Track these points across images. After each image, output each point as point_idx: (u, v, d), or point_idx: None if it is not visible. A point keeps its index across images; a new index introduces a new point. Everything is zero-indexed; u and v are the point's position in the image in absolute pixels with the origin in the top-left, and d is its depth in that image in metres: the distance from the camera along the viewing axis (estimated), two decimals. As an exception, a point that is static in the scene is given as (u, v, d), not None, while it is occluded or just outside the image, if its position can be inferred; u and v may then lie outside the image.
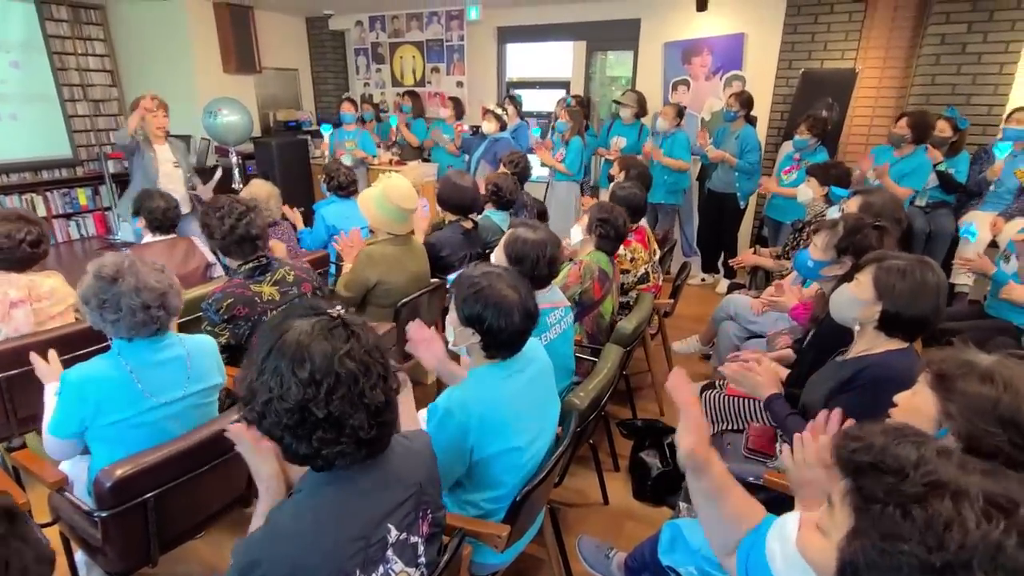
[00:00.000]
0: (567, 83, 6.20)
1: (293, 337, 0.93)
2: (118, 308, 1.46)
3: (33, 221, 2.17)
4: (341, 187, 3.58)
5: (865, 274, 1.55)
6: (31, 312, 2.15)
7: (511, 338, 1.43)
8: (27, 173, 5.76)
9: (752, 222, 5.27)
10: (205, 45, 5.95)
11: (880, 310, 1.51)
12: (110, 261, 1.51)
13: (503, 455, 1.42)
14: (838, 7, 4.79)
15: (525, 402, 1.48)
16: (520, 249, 1.95)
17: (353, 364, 0.92)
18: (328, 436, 0.92)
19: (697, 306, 4.31)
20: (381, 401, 0.95)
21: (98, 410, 1.50)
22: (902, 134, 3.59)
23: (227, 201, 2.09)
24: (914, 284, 1.46)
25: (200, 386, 1.68)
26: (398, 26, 6.52)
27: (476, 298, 1.42)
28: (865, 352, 1.57)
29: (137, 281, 1.47)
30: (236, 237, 2.07)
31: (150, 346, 1.57)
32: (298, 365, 0.90)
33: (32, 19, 5.56)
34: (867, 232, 2.00)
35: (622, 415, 2.89)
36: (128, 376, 1.53)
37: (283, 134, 6.57)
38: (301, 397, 0.90)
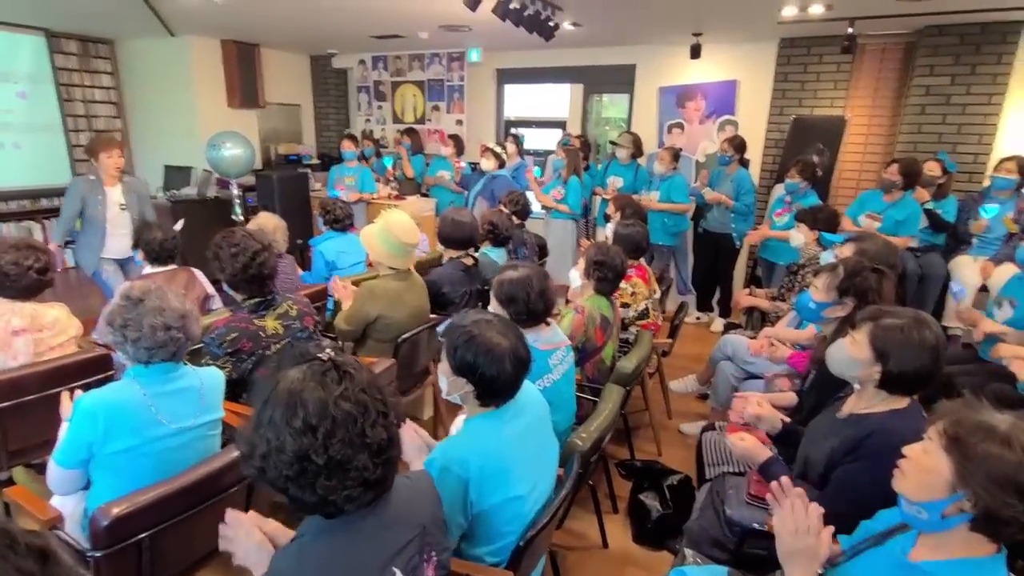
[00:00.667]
0: (564, 123, 6.35)
1: (285, 387, 0.93)
2: (140, 327, 1.50)
3: (41, 249, 2.19)
4: (337, 220, 3.62)
5: (861, 333, 1.54)
6: (31, 342, 2.13)
7: (504, 385, 1.42)
8: (26, 200, 5.78)
9: (746, 262, 5.36)
10: (210, 80, 6.06)
11: (879, 370, 1.50)
12: (139, 285, 1.57)
13: (505, 505, 1.40)
14: (826, 58, 4.99)
15: (523, 448, 1.47)
16: (508, 290, 1.96)
17: (349, 405, 0.92)
18: (332, 482, 0.91)
19: (693, 345, 4.33)
20: (384, 438, 0.95)
21: (107, 435, 1.49)
22: (893, 180, 3.69)
23: (242, 237, 2.09)
24: (912, 344, 1.45)
25: (209, 417, 1.69)
26: (400, 66, 6.70)
27: (467, 347, 1.41)
28: (867, 411, 1.56)
29: (161, 302, 1.52)
30: (248, 276, 2.08)
31: (164, 374, 1.58)
32: (291, 415, 0.90)
33: (42, 52, 5.67)
34: (867, 275, 2.03)
35: (620, 455, 2.87)
36: (143, 400, 1.53)
37: (284, 167, 6.64)
38: (298, 446, 0.89)
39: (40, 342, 2.14)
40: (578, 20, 4.54)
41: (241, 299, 2.17)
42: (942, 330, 1.55)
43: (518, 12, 3.52)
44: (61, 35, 5.81)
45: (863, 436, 1.50)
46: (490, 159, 4.91)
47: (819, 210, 3.42)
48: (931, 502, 1.05)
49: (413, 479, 1.15)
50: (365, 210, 5.34)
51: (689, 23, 4.63)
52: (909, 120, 4.63)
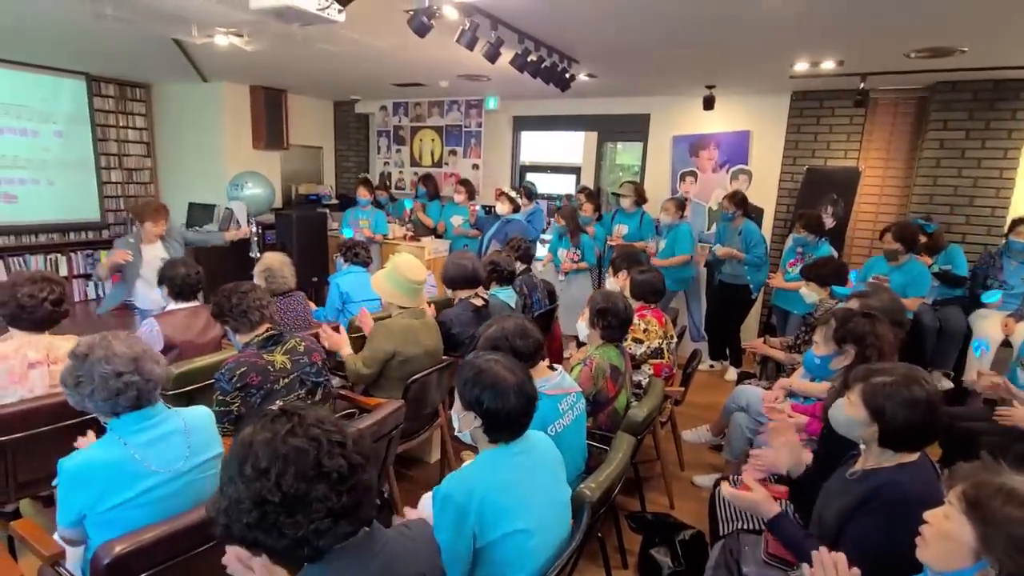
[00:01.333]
0: (578, 169, 6.47)
1: (237, 442, 0.95)
2: (92, 379, 1.47)
3: (56, 281, 2.22)
4: (357, 256, 3.69)
5: (855, 393, 1.54)
6: (47, 374, 2.16)
7: (510, 418, 1.46)
8: (55, 234, 5.97)
9: (760, 311, 5.31)
10: (238, 122, 6.30)
11: (877, 429, 1.49)
12: (84, 341, 1.54)
13: (508, 539, 1.39)
14: (839, 111, 5.06)
15: (530, 485, 1.47)
16: (489, 343, 1.96)
17: (299, 440, 0.92)
18: (295, 518, 0.90)
19: (707, 394, 4.26)
20: (343, 467, 0.93)
21: (100, 497, 1.45)
22: (894, 248, 3.64)
23: (231, 285, 2.24)
24: (904, 401, 1.45)
25: (202, 458, 1.63)
26: (420, 112, 6.91)
27: (474, 381, 1.47)
28: (876, 467, 1.54)
29: (106, 351, 1.48)
30: (243, 308, 2.17)
31: (141, 419, 1.52)
32: (243, 464, 0.91)
33: (81, 94, 5.96)
34: (857, 320, 2.04)
35: (630, 506, 2.79)
36: (128, 454, 1.48)
37: (304, 207, 6.81)
38: (253, 491, 0.90)
39: (55, 374, 2.16)
40: (593, 72, 4.68)
41: (248, 339, 2.21)
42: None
43: (535, 64, 3.64)
44: (101, 79, 6.12)
45: (873, 490, 1.48)
46: (505, 203, 4.99)
47: (822, 264, 3.37)
48: (957, 572, 1.01)
49: (412, 530, 1.14)
50: (380, 250, 5.42)
51: (702, 76, 4.76)
52: (924, 173, 4.65)
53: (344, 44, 3.94)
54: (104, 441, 1.52)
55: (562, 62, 3.98)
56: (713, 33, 3.41)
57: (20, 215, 5.69)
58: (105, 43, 4.53)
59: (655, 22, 3.22)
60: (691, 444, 3.48)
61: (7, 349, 2.13)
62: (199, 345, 2.69)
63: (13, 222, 5.66)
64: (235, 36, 3.54)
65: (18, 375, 2.11)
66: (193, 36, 3.46)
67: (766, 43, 3.57)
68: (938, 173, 4.60)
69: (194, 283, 2.82)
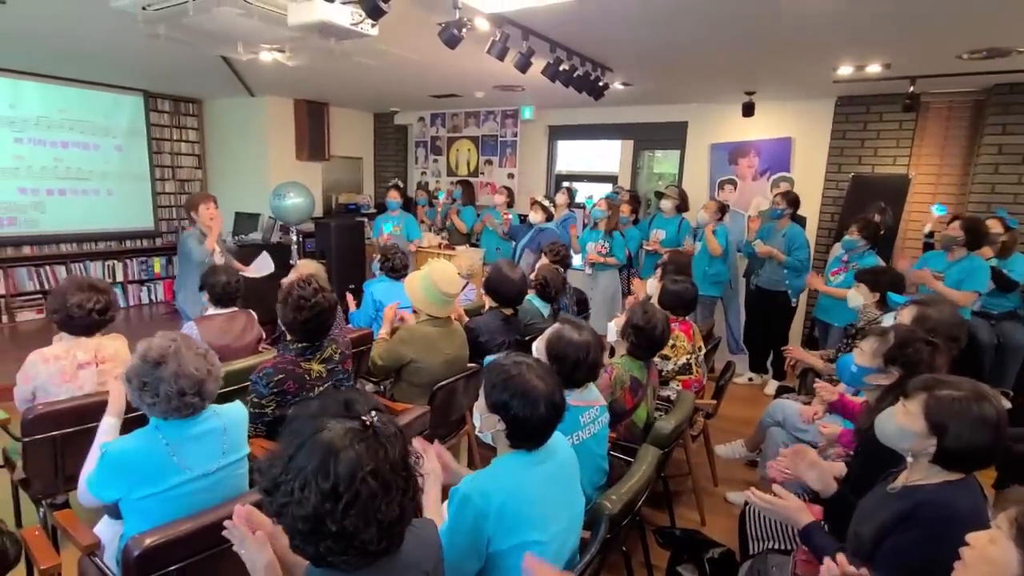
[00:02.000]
0: (615, 178, 6.42)
1: (325, 440, 0.94)
2: (156, 393, 1.50)
3: (102, 290, 2.30)
4: (394, 269, 3.73)
5: (915, 403, 1.44)
6: (95, 373, 2.27)
7: (536, 428, 1.43)
8: (113, 242, 6.31)
9: (803, 323, 5.13)
10: (282, 134, 6.54)
11: (934, 445, 1.39)
12: (157, 344, 1.55)
13: (521, 548, 1.37)
14: (887, 116, 4.87)
15: (547, 495, 1.45)
16: (562, 349, 1.93)
17: (375, 483, 0.93)
18: (335, 546, 0.93)
19: (744, 407, 4.14)
20: (395, 515, 0.96)
21: (133, 486, 1.53)
22: (955, 236, 3.47)
23: (314, 293, 2.13)
24: (971, 420, 1.35)
25: (234, 457, 1.69)
26: (457, 122, 7.01)
27: (504, 386, 1.43)
28: (920, 482, 1.45)
29: (178, 367, 1.50)
30: (305, 328, 2.15)
31: (186, 423, 1.59)
32: (323, 476, 0.92)
33: (139, 110, 6.32)
34: (919, 347, 1.90)
35: (659, 521, 2.73)
36: (164, 450, 1.55)
37: (343, 216, 6.99)
38: (319, 509, 0.91)
39: (102, 373, 2.28)
40: (628, 80, 4.65)
41: (291, 341, 2.25)
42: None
43: (567, 73, 3.65)
44: (157, 95, 6.47)
45: (914, 507, 1.40)
46: (538, 212, 5.00)
47: (883, 272, 3.25)
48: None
49: (419, 527, 1.15)
50: (415, 258, 5.50)
51: (741, 83, 4.66)
52: (981, 179, 4.41)
53: (381, 57, 4.04)
54: (146, 434, 1.58)
55: (595, 71, 3.97)
56: (751, 39, 3.35)
57: (82, 224, 6.05)
58: (161, 62, 4.79)
59: (690, 28, 3.18)
60: (725, 460, 3.38)
61: (58, 350, 2.25)
62: (235, 349, 2.79)
63: (76, 230, 6.03)
64: (278, 52, 3.68)
65: (68, 375, 2.23)
66: (239, 53, 3.61)
67: (807, 47, 3.47)
68: (996, 179, 4.35)
69: (233, 291, 2.92)
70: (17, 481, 2.28)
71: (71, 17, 3.40)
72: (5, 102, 5.42)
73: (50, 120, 5.71)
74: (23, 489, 2.24)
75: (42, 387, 2.22)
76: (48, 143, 5.73)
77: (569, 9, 2.72)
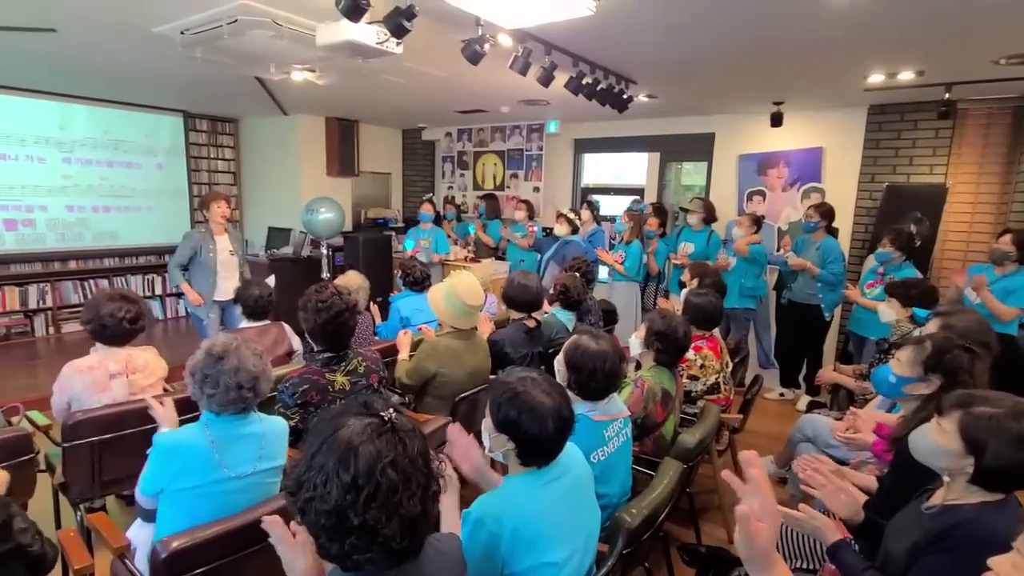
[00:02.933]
0: (641, 190, 6.38)
1: (344, 436, 0.97)
2: (216, 384, 1.61)
3: (133, 300, 2.41)
4: (416, 282, 3.79)
5: (950, 421, 1.38)
6: (126, 383, 2.36)
7: (546, 445, 1.40)
8: (153, 256, 6.56)
9: (837, 336, 4.99)
10: (314, 151, 6.73)
11: (972, 464, 1.33)
12: (221, 341, 1.69)
13: (537, 571, 1.35)
14: (923, 124, 4.73)
15: (562, 513, 1.42)
16: (579, 358, 1.91)
17: (395, 475, 0.95)
18: (360, 543, 0.94)
19: (774, 423, 4.04)
20: (417, 512, 0.97)
21: (177, 474, 1.62)
22: (1006, 251, 3.35)
23: (331, 296, 2.20)
24: (1010, 438, 1.28)
25: (269, 465, 1.76)
26: (483, 137, 7.10)
27: (510, 404, 1.41)
28: (956, 502, 1.38)
29: (239, 362, 1.62)
30: (326, 332, 2.20)
31: (234, 422, 1.70)
32: (343, 467, 0.94)
33: (178, 130, 6.59)
34: (957, 353, 1.83)
35: (685, 537, 2.67)
36: (209, 446, 1.65)
37: (371, 230, 7.12)
38: (340, 502, 0.93)
39: (134, 383, 2.37)
40: (653, 92, 4.65)
41: (317, 350, 2.29)
42: None
43: (591, 87, 3.67)
44: (195, 115, 6.74)
45: (948, 528, 1.34)
46: (563, 225, 5.01)
47: (913, 284, 3.15)
48: None
49: (442, 542, 1.14)
50: (441, 271, 5.56)
51: (769, 93, 4.61)
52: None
53: (407, 75, 4.14)
54: (196, 428, 1.68)
55: (618, 84, 3.98)
56: (778, 49, 3.31)
57: (124, 239, 6.31)
58: (199, 84, 4.99)
59: (714, 40, 3.17)
60: (755, 476, 3.29)
61: (91, 362, 2.35)
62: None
63: (118, 245, 6.29)
64: (308, 71, 3.80)
65: (101, 385, 2.32)
66: (271, 73, 3.75)
67: (835, 56, 3.42)
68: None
69: (265, 304, 3.01)
70: (57, 485, 2.37)
71: (116, 42, 3.58)
72: (55, 124, 5.72)
73: (96, 141, 6.00)
74: (62, 493, 2.33)
75: (77, 398, 2.31)
76: (94, 162, 6.02)
77: (589, 23, 2.74)
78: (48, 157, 5.72)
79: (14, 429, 2.20)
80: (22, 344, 5.59)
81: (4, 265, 5.61)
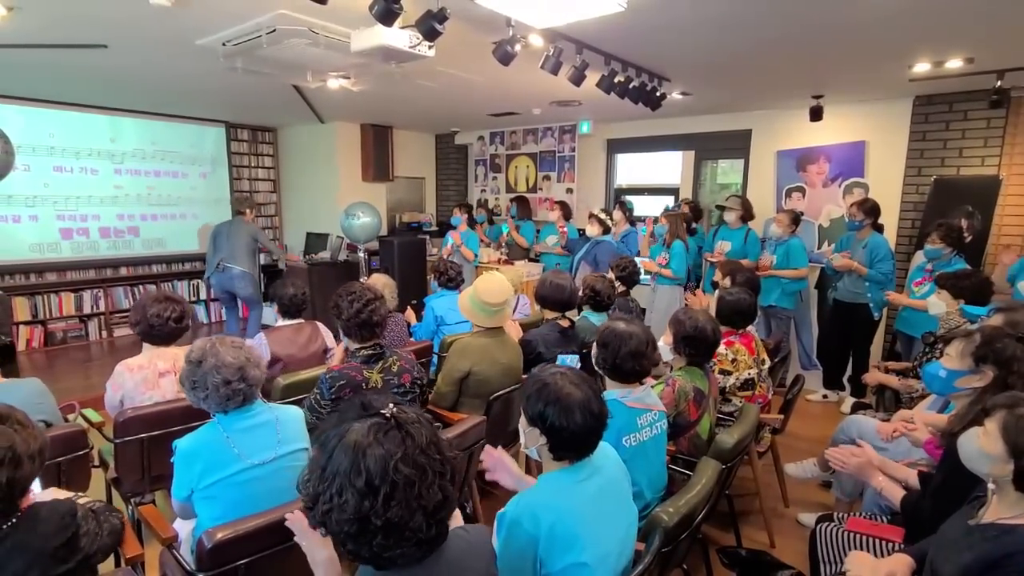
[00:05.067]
0: (676, 190, 6.29)
1: (350, 441, 0.96)
2: (205, 386, 1.67)
3: (176, 300, 2.51)
4: (451, 280, 3.83)
5: (993, 422, 1.32)
6: (175, 381, 2.45)
7: (575, 437, 1.39)
8: (198, 262, 6.79)
9: (883, 336, 4.80)
10: (349, 158, 6.87)
11: (1012, 468, 1.27)
12: (196, 346, 1.73)
13: (571, 571, 1.33)
14: (972, 114, 4.53)
15: (598, 512, 1.40)
16: (607, 336, 1.97)
17: (408, 469, 0.94)
18: (388, 541, 0.95)
19: (818, 425, 3.92)
20: (438, 499, 0.97)
21: (202, 473, 1.68)
22: None
23: (359, 287, 2.32)
24: None
25: (289, 448, 1.81)
26: (515, 140, 7.12)
27: (539, 396, 1.42)
28: (1011, 521, 1.30)
29: (216, 360, 1.67)
30: (359, 320, 2.25)
31: (241, 415, 1.76)
32: (355, 474, 0.93)
33: (221, 139, 6.83)
34: (1007, 342, 1.76)
35: (724, 540, 2.61)
36: (225, 441, 1.71)
37: (405, 234, 7.22)
38: (359, 508, 0.93)
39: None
40: (687, 90, 4.58)
41: (355, 348, 2.33)
42: None
43: (623, 85, 3.64)
44: (237, 126, 6.97)
45: (1006, 555, 1.25)
46: (595, 225, 4.97)
47: (965, 276, 3.01)
48: None
49: (470, 532, 1.15)
50: (474, 272, 5.60)
51: (807, 86, 4.49)
52: (1084, 178, 4.02)
53: (440, 79, 4.19)
54: (209, 427, 1.75)
55: (651, 81, 3.94)
56: (815, 40, 3.23)
57: (171, 246, 6.57)
58: (240, 95, 5.17)
59: (748, 33, 3.11)
60: (798, 480, 3.19)
61: (142, 361, 2.45)
62: (301, 359, 2.93)
63: (165, 252, 6.55)
64: (343, 79, 3.89)
65: (151, 383, 2.42)
66: (308, 81, 3.85)
67: (877, 45, 3.31)
68: (1104, 178, 3.95)
69: (300, 302, 3.08)
70: (110, 480, 2.47)
71: (162, 56, 3.75)
72: (107, 137, 6.00)
73: (144, 152, 6.27)
74: (115, 487, 2.43)
75: (128, 395, 2.41)
76: (143, 173, 6.30)
77: (620, 20, 2.73)
78: (101, 169, 6.00)
79: (70, 425, 2.31)
80: (77, 347, 5.87)
81: (61, 272, 5.91)
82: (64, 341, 5.88)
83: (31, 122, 5.51)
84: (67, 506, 1.32)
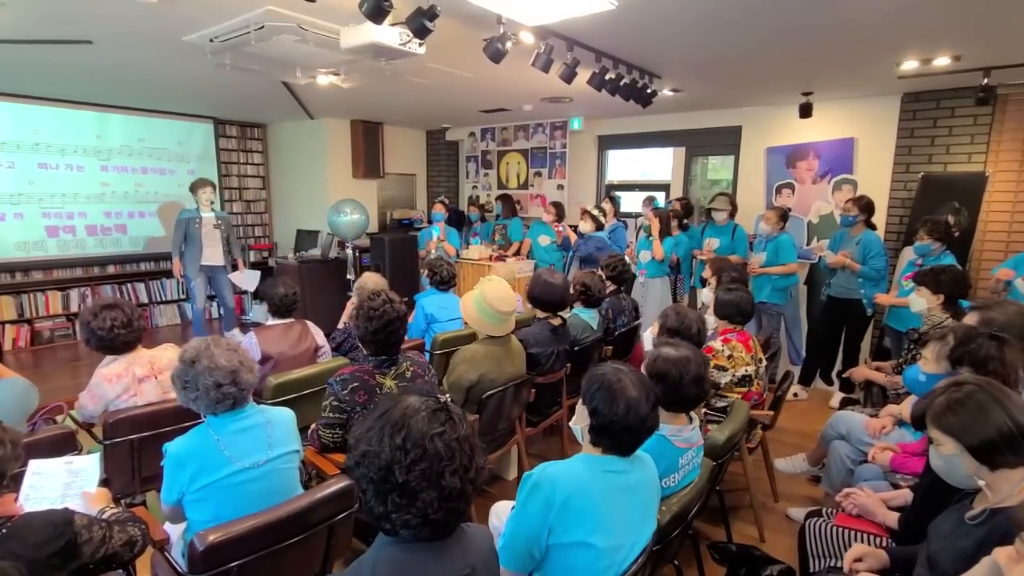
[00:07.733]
0: (667, 186, 6.31)
1: (402, 407, 1.09)
2: (196, 387, 1.66)
3: (115, 305, 2.36)
4: (443, 281, 3.81)
5: (936, 433, 1.37)
6: (156, 384, 2.42)
7: (612, 427, 1.44)
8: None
9: (872, 331, 4.85)
10: (340, 154, 6.83)
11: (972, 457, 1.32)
12: (191, 346, 1.72)
13: (579, 549, 1.38)
14: (960, 111, 4.58)
15: (617, 505, 1.44)
16: (660, 367, 1.86)
17: (440, 445, 1.04)
18: (401, 502, 1.02)
19: (807, 420, 3.96)
20: (456, 487, 1.04)
21: (192, 476, 1.67)
22: None
23: (383, 304, 2.18)
24: (972, 408, 1.30)
25: (280, 451, 1.80)
26: (506, 136, 7.11)
27: (597, 381, 1.50)
28: (1002, 505, 1.33)
29: (210, 362, 1.66)
30: (378, 339, 2.19)
31: (232, 418, 1.74)
32: (396, 431, 1.04)
33: (209, 136, 6.76)
34: (982, 342, 1.78)
35: (714, 535, 2.64)
36: (215, 444, 1.70)
37: (396, 230, 7.20)
38: (390, 458, 1.03)
39: (163, 383, 2.42)
40: (678, 87, 4.59)
41: (366, 354, 2.29)
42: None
43: (614, 82, 3.64)
44: (225, 122, 6.90)
45: (1003, 533, 1.28)
46: (588, 221, 4.98)
47: (942, 271, 3.04)
48: None
49: (473, 530, 1.19)
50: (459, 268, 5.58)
51: (797, 83, 4.51)
52: (1068, 175, 4.08)
53: (430, 76, 4.17)
54: (200, 430, 1.74)
55: (642, 78, 3.94)
56: (805, 37, 3.24)
57: (159, 244, 6.49)
58: (228, 91, 5.11)
59: (739, 30, 3.12)
60: (787, 475, 3.22)
61: (118, 369, 2.38)
62: (292, 357, 2.91)
63: (153, 250, 6.48)
64: (333, 75, 3.86)
65: (133, 390, 2.38)
66: (298, 77, 3.82)
67: (866, 42, 3.33)
68: (1087, 175, 4.01)
69: (290, 302, 3.06)
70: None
71: (149, 52, 3.70)
72: (93, 134, 5.92)
73: (131, 149, 6.19)
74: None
75: (113, 406, 2.36)
76: (130, 169, 6.22)
77: (612, 17, 2.72)
78: (87, 166, 5.93)
79: (59, 427, 2.28)
80: (64, 346, 5.81)
81: (47, 271, 5.84)
82: (51, 340, 5.82)
83: (15, 118, 5.42)
84: (61, 515, 1.31)
